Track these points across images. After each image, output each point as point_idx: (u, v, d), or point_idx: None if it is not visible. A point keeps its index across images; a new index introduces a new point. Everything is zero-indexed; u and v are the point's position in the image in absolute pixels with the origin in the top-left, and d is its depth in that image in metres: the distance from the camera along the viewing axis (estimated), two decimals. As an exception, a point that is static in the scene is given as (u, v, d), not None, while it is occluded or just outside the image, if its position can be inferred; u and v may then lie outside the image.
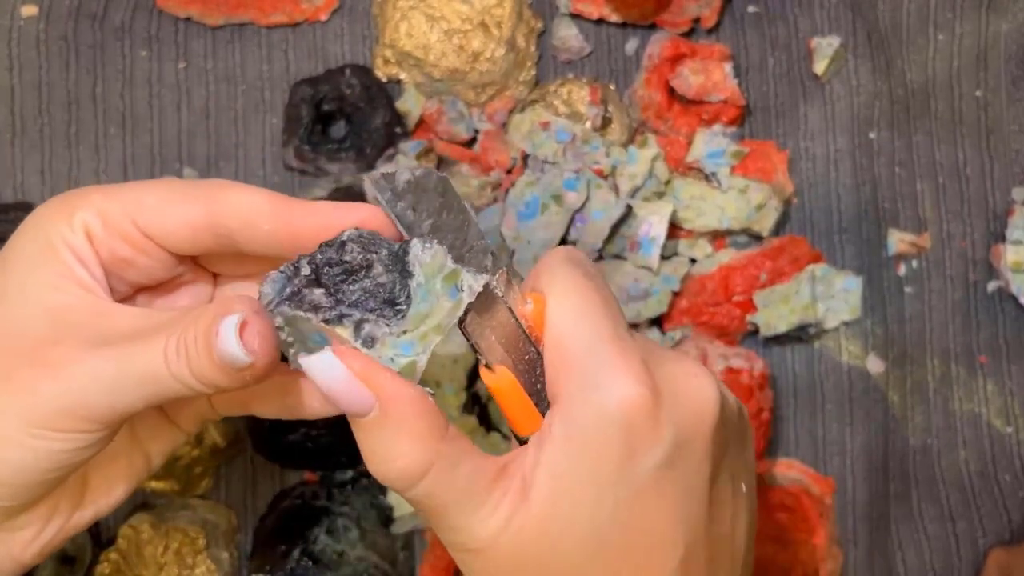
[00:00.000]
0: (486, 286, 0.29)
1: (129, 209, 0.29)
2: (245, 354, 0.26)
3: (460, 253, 0.29)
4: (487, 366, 0.30)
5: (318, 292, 0.28)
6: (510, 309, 0.30)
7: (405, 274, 0.29)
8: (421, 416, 0.28)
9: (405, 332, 0.29)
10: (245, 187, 0.30)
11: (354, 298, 0.28)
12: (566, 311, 0.29)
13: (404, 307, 0.29)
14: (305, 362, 0.27)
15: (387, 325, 0.29)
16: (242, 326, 0.26)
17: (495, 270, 0.30)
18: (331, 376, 0.27)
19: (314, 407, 0.32)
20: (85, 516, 0.32)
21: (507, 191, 0.53)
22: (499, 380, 0.30)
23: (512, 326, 0.30)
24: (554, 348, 0.29)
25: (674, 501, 0.29)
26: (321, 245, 0.28)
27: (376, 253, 0.28)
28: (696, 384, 0.30)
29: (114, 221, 0.29)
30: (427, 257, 0.29)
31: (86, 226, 0.29)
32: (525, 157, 0.55)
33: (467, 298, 0.29)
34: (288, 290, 0.28)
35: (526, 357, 0.30)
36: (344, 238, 0.28)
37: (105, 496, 0.33)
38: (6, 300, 0.28)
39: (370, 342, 0.28)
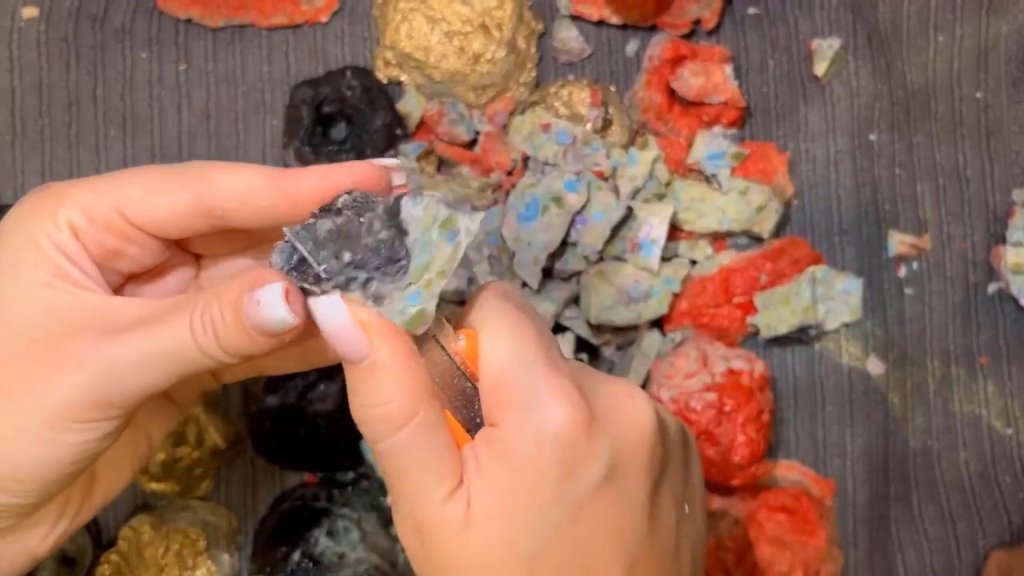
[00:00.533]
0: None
1: (114, 201, 0.29)
2: (293, 317, 0.27)
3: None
4: None
5: (324, 255, 0.28)
6: (442, 347, 0.30)
7: (402, 231, 0.29)
8: (412, 371, 0.29)
9: (410, 284, 0.29)
10: (234, 166, 0.30)
11: (358, 259, 0.29)
12: (499, 343, 0.30)
13: (405, 262, 0.29)
14: (313, 303, 0.28)
15: (392, 281, 0.29)
16: (288, 293, 0.28)
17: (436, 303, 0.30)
18: (335, 320, 0.28)
19: (327, 355, 0.32)
20: (95, 504, 0.33)
21: (507, 193, 0.53)
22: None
23: (446, 363, 0.30)
24: (489, 378, 0.30)
25: (613, 519, 0.29)
26: (320, 209, 0.29)
27: (373, 211, 0.29)
28: (631, 405, 0.30)
29: (99, 214, 0.29)
30: (419, 212, 0.29)
31: (71, 223, 0.29)
32: (526, 159, 0.55)
33: (464, 240, 0.30)
34: (295, 258, 0.28)
35: (462, 392, 0.30)
36: (339, 204, 0.29)
37: (112, 483, 0.33)
38: (3, 305, 0.28)
39: (379, 300, 0.29)
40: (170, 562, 0.50)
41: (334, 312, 0.28)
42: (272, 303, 0.27)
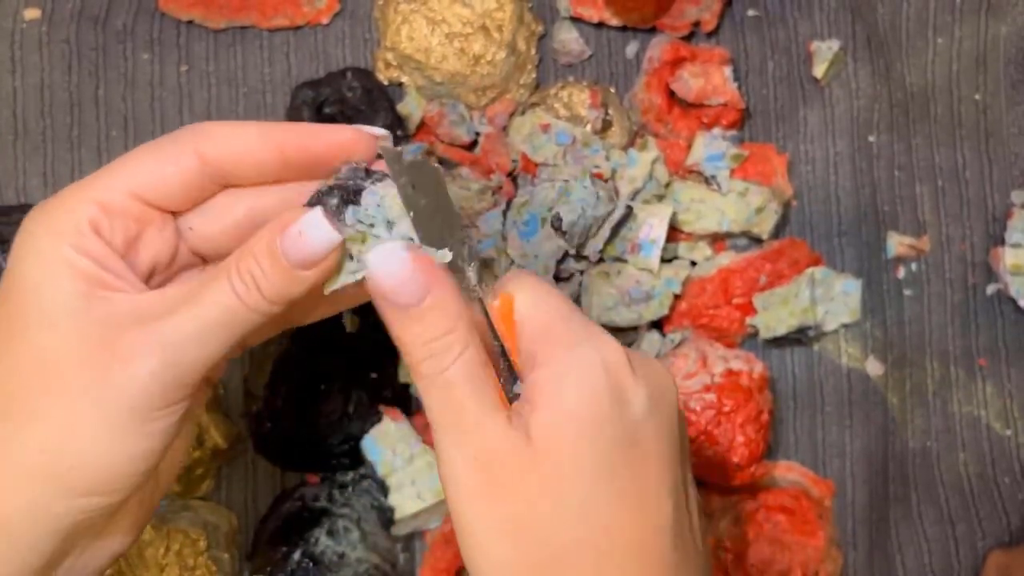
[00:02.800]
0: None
1: (126, 185, 0.30)
2: (337, 234, 0.29)
3: (443, 238, 0.31)
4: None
5: (350, 212, 0.30)
6: (480, 300, 0.32)
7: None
8: (463, 304, 0.30)
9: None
10: (229, 123, 0.31)
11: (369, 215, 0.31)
12: (540, 298, 0.32)
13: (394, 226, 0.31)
14: (374, 255, 0.30)
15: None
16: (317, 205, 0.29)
17: (471, 260, 0.32)
18: (398, 268, 0.29)
19: (358, 292, 0.33)
20: (162, 490, 0.34)
21: (505, 213, 0.53)
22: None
23: (481, 316, 0.32)
24: (534, 325, 0.31)
25: (660, 455, 0.31)
26: (334, 178, 0.31)
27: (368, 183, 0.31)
28: (659, 366, 0.32)
29: (114, 203, 0.30)
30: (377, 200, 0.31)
31: (92, 222, 0.29)
32: (515, 178, 0.55)
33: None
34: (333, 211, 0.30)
35: (491, 350, 0.32)
36: (343, 174, 0.31)
37: (172, 467, 0.34)
38: (46, 325, 0.29)
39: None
40: (171, 562, 0.51)
41: (398, 259, 0.29)
42: (316, 224, 0.29)
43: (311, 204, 0.30)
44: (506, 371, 0.32)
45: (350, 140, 0.31)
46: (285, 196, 0.32)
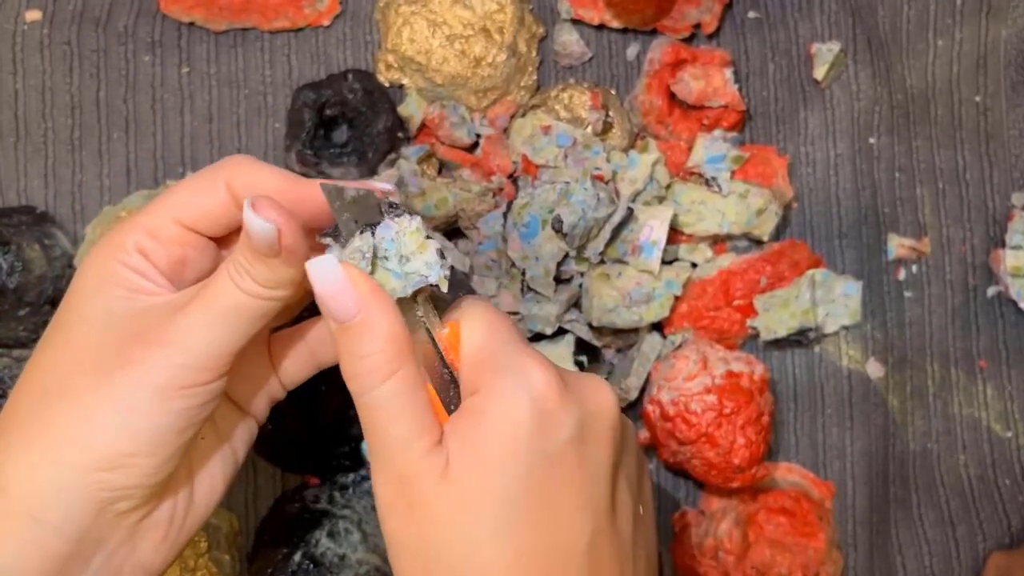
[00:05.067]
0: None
1: (169, 213, 0.34)
2: (265, 222, 0.31)
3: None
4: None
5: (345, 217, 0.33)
6: (427, 330, 0.33)
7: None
8: (397, 328, 0.32)
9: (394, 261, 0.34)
10: (255, 165, 0.34)
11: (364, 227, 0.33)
12: (481, 325, 0.33)
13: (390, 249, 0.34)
14: (310, 264, 0.32)
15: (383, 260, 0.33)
16: (253, 205, 0.31)
17: (417, 287, 0.33)
18: (329, 279, 0.32)
19: None
20: (198, 514, 0.36)
21: (506, 215, 0.53)
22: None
23: (429, 347, 0.33)
24: (471, 353, 0.33)
25: (580, 481, 0.32)
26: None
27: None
28: (597, 385, 0.34)
29: (160, 230, 0.34)
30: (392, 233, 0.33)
31: (138, 246, 0.33)
32: (515, 180, 0.55)
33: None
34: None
35: (440, 377, 0.33)
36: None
37: (210, 494, 0.36)
38: (87, 320, 0.33)
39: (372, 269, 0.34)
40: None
41: (330, 271, 0.31)
42: (248, 219, 0.31)
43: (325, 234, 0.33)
44: (456, 399, 0.33)
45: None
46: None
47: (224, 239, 0.36)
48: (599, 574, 0.32)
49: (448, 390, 0.33)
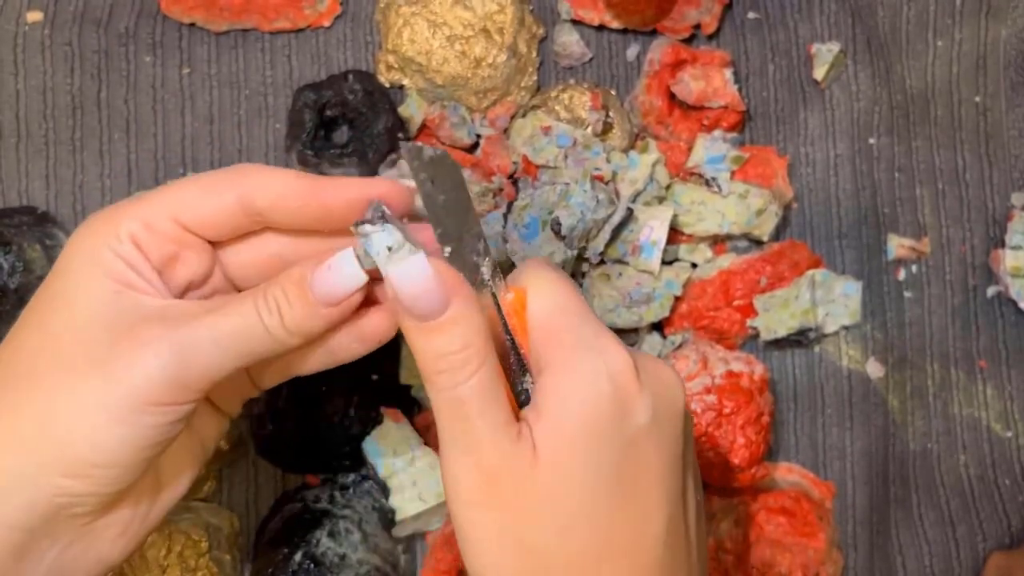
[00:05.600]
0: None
1: (169, 210, 0.32)
2: (365, 273, 0.31)
3: (459, 234, 0.32)
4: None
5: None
6: (493, 294, 0.32)
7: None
8: (482, 319, 0.31)
9: None
10: (270, 170, 0.32)
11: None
12: (552, 294, 0.32)
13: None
14: (396, 269, 0.30)
15: None
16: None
17: (485, 256, 0.32)
18: (419, 279, 0.30)
19: (354, 348, 0.35)
20: (161, 507, 0.35)
21: (506, 215, 0.53)
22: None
23: (492, 309, 0.32)
24: (543, 323, 0.32)
25: (659, 465, 0.31)
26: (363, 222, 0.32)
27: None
28: (666, 371, 0.33)
29: (156, 223, 0.32)
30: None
31: (132, 235, 0.31)
32: (515, 181, 0.55)
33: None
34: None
35: (502, 344, 0.32)
36: (370, 214, 0.32)
37: (175, 486, 0.35)
38: (71, 307, 0.31)
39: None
40: (172, 563, 0.51)
41: (420, 270, 0.30)
42: (347, 262, 0.30)
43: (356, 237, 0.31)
44: (516, 365, 0.32)
45: (386, 192, 0.32)
46: (318, 247, 0.33)
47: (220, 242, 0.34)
48: (675, 558, 0.32)
49: (508, 357, 0.32)
